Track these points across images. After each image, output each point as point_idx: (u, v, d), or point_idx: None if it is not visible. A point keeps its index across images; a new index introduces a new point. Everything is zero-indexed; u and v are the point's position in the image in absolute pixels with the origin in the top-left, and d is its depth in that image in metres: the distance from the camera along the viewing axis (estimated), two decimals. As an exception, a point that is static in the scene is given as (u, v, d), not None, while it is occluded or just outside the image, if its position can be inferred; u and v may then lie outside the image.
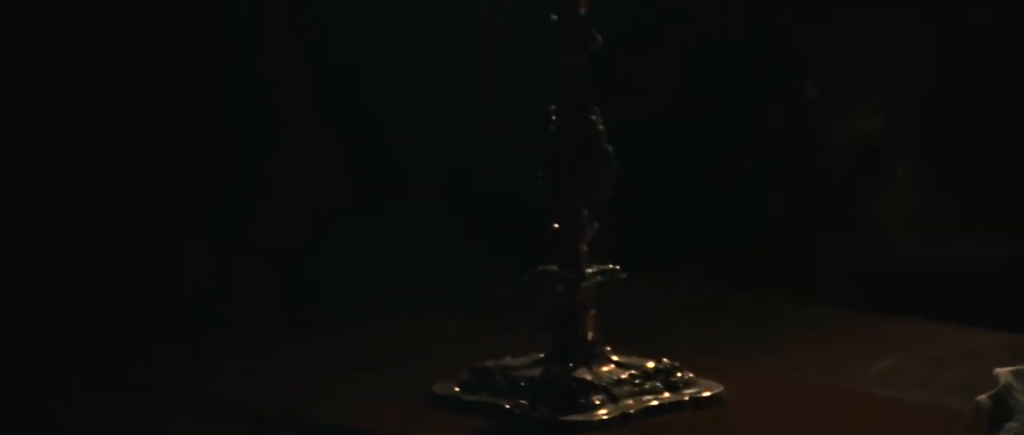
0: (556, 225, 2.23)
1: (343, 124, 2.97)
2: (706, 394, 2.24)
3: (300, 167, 2.98)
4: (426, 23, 2.93)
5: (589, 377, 2.19)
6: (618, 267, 2.26)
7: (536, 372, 2.23)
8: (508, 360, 2.27)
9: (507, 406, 2.19)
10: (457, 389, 2.26)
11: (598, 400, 2.17)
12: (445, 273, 2.84)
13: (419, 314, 2.72)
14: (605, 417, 2.15)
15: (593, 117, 2.19)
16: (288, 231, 2.94)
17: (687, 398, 2.23)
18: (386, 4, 2.90)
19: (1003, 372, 2.05)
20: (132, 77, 2.81)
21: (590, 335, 2.24)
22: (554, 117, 2.20)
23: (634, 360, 2.26)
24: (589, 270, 2.23)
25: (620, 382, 2.20)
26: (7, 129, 2.72)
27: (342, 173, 2.99)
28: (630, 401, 2.19)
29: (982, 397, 2.06)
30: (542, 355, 2.25)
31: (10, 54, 2.71)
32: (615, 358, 2.24)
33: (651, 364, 2.26)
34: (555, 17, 2.19)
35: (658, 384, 2.23)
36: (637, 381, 2.21)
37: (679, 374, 2.25)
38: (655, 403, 2.20)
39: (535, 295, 2.27)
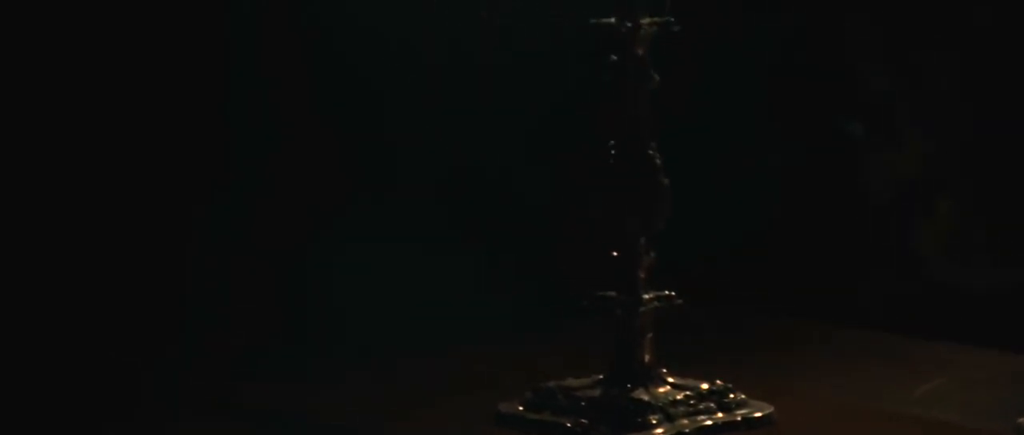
0: (614, 253, 2.36)
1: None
2: (758, 415, 2.34)
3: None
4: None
5: (646, 398, 2.30)
6: (673, 293, 2.38)
7: (596, 393, 2.34)
8: (569, 381, 2.39)
9: (568, 425, 2.30)
10: (521, 409, 2.38)
11: (655, 420, 2.28)
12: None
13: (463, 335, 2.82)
14: (661, 436, 2.30)
15: (651, 152, 2.32)
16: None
17: (739, 418, 2.33)
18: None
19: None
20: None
21: (647, 358, 2.35)
22: (613, 151, 2.33)
23: (689, 381, 2.36)
24: (646, 296, 2.35)
25: (676, 403, 2.31)
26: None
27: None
28: (685, 421, 2.30)
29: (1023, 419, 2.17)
30: (601, 376, 2.37)
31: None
32: (670, 380, 2.35)
33: (705, 385, 2.36)
34: (614, 57, 2.31)
35: (712, 405, 2.33)
36: (692, 402, 2.32)
37: (731, 395, 2.36)
38: (709, 423, 2.31)
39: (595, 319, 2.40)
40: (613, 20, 2.27)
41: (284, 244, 2.95)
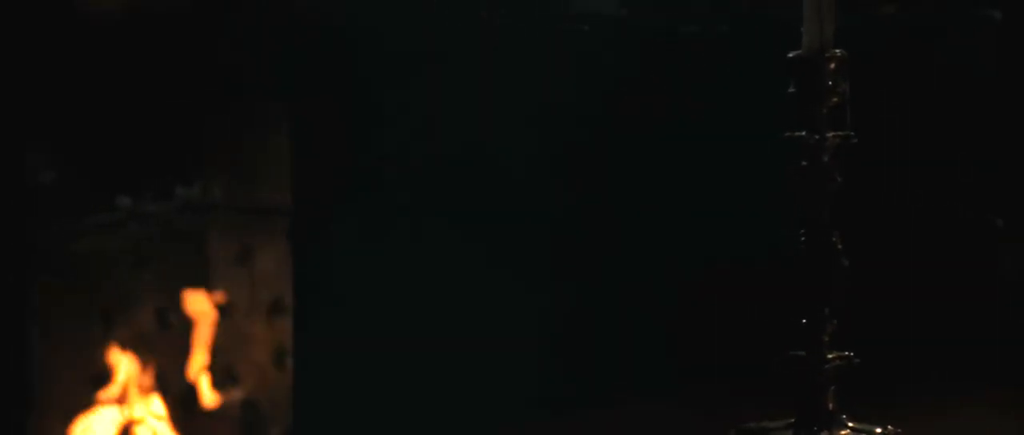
0: (804, 320, 2.88)
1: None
2: (921, 454, 2.87)
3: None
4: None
5: None
6: (851, 354, 2.89)
7: (788, 434, 2.88)
8: (766, 423, 2.92)
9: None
10: (729, 446, 2.92)
11: (837, 457, 2.81)
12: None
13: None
14: (843, 472, 2.78)
15: (834, 240, 2.83)
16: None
17: (905, 457, 2.86)
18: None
19: None
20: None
21: (830, 406, 2.87)
22: (803, 240, 2.85)
23: (865, 426, 2.87)
24: (830, 355, 2.87)
25: None
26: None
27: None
28: (861, 459, 2.82)
29: None
30: (793, 420, 2.88)
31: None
32: (851, 424, 2.86)
33: (878, 430, 2.88)
34: (805, 163, 2.83)
35: (884, 446, 2.87)
36: None
37: None
38: (881, 461, 2.83)
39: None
40: (804, 133, 2.81)
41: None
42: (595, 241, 3.39)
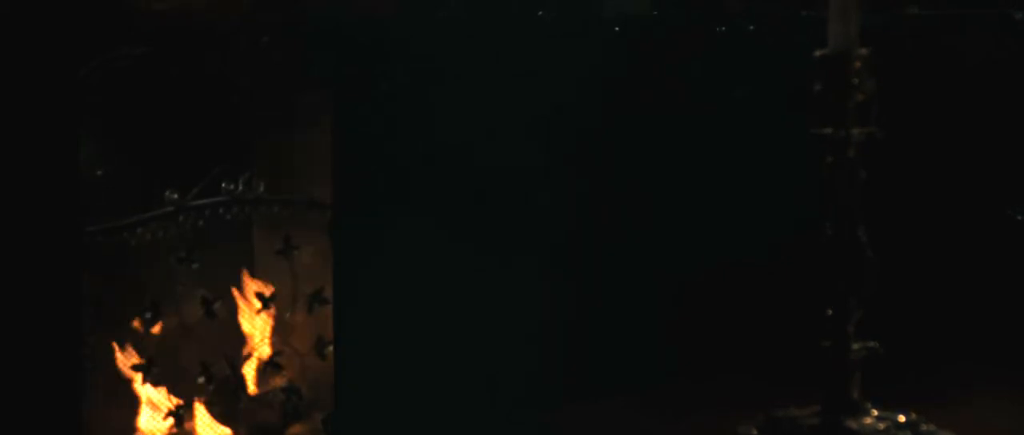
0: (829, 311, 2.96)
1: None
2: (943, 439, 2.95)
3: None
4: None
5: (854, 426, 2.85)
6: (876, 344, 2.97)
7: (815, 421, 2.91)
8: (793, 410, 3.00)
9: (797, 444, 2.91)
10: (755, 431, 2.99)
11: (863, 443, 2.88)
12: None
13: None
14: (866, 458, 2.85)
15: (858, 233, 2.92)
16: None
17: (928, 442, 2.93)
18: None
19: None
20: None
21: (855, 394, 2.96)
22: (830, 231, 2.94)
23: (889, 414, 2.95)
24: (854, 346, 2.95)
25: (879, 432, 2.86)
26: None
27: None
28: (886, 444, 2.90)
29: None
30: (819, 408, 2.97)
31: None
32: (875, 412, 2.92)
33: (902, 418, 2.95)
34: (830, 158, 2.92)
35: (908, 433, 2.91)
36: (892, 430, 2.87)
37: (924, 426, 2.91)
38: (905, 446, 2.91)
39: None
40: (830, 130, 2.90)
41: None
42: (644, 238, 3.46)
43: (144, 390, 3.27)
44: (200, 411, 3.29)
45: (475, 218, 3.34)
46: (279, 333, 3.36)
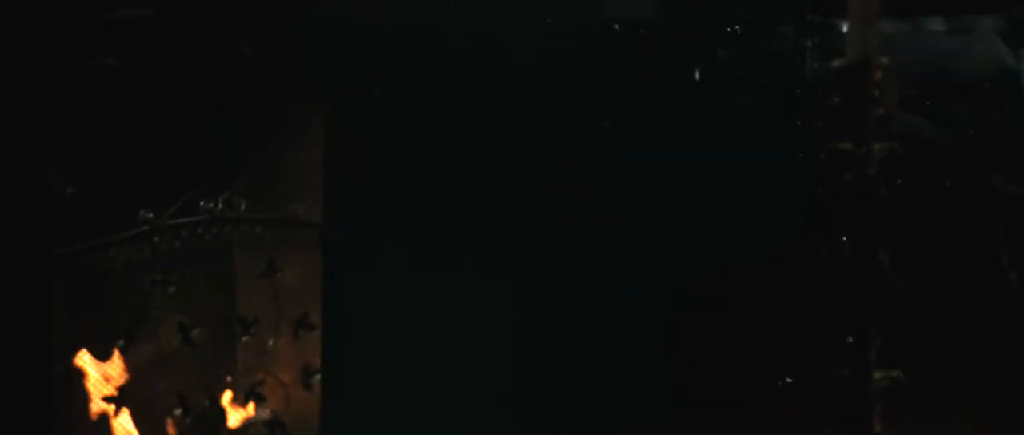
0: (849, 339, 2.79)
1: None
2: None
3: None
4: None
5: None
6: (898, 373, 2.81)
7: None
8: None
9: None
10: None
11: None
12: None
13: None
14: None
15: (881, 255, 2.75)
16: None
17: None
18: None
19: None
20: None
21: (878, 427, 2.79)
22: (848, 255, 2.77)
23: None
24: (876, 376, 2.79)
25: None
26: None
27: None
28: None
29: None
30: (838, 444, 2.82)
31: None
32: (894, 441, 2.80)
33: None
34: (848, 175, 2.75)
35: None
36: None
37: None
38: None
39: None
40: (849, 145, 2.72)
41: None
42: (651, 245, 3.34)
43: (118, 423, 3.13)
44: (177, 444, 3.14)
45: (476, 238, 3.22)
46: (260, 361, 3.21)
